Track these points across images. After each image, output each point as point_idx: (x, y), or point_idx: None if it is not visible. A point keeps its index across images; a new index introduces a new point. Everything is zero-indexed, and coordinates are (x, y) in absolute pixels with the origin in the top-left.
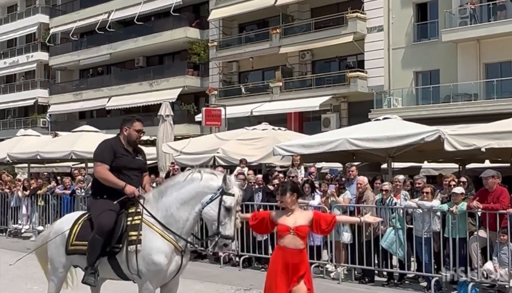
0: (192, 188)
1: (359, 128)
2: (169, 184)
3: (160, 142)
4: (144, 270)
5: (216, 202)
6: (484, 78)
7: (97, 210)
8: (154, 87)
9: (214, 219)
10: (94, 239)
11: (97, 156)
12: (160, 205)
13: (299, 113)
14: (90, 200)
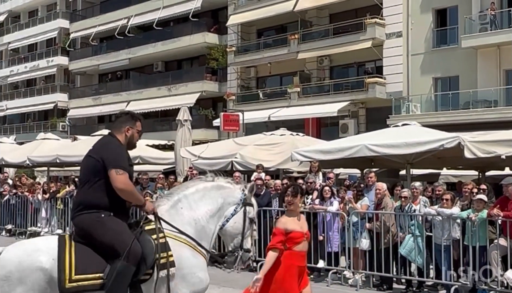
0: (216, 199)
1: (377, 134)
2: (185, 193)
3: (178, 147)
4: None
5: (241, 213)
6: (504, 85)
7: (113, 231)
8: (172, 92)
9: (239, 232)
10: (123, 269)
11: (118, 161)
12: (184, 218)
13: (316, 119)
14: (89, 217)
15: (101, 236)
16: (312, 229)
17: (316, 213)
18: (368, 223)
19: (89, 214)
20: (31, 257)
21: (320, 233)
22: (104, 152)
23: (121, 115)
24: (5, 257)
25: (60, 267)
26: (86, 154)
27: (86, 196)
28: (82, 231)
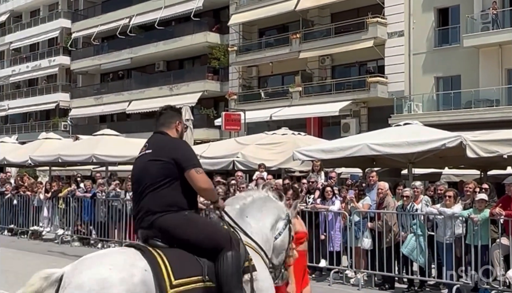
0: (273, 211)
1: (379, 133)
2: (245, 203)
3: None
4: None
5: (287, 230)
6: (506, 84)
7: (207, 225)
8: (174, 91)
9: (284, 248)
10: (236, 256)
11: (194, 160)
12: (251, 227)
13: (318, 118)
14: (174, 216)
15: (196, 234)
16: (314, 228)
17: (318, 212)
18: (370, 222)
19: (173, 214)
20: (124, 272)
21: (322, 232)
22: (175, 152)
23: (166, 110)
24: (84, 280)
25: (158, 275)
26: (142, 159)
27: (160, 198)
28: (166, 233)
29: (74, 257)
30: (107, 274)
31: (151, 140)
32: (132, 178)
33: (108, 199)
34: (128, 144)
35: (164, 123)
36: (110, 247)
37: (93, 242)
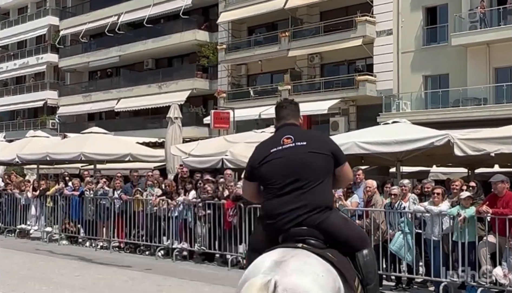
0: None
1: (368, 132)
2: None
3: (169, 144)
4: None
5: None
6: (494, 83)
7: (351, 222)
8: (163, 89)
9: None
10: (373, 254)
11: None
12: None
13: (307, 117)
14: (337, 216)
15: (352, 233)
16: None
17: None
18: (358, 220)
19: (335, 212)
20: (331, 278)
21: None
22: (331, 145)
23: (290, 104)
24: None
25: (348, 282)
26: (295, 151)
27: (322, 194)
28: (329, 233)
29: (62, 256)
30: (324, 281)
31: (293, 132)
32: (284, 169)
33: (96, 197)
34: (117, 142)
35: (293, 115)
36: (98, 245)
37: (81, 241)
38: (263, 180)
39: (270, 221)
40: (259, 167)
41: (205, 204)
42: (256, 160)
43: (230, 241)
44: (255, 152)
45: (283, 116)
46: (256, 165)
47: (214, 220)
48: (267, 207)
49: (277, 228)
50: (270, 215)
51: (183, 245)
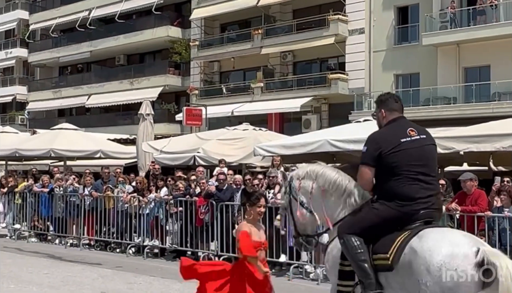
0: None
1: (340, 129)
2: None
3: (140, 141)
4: None
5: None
6: (463, 82)
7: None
8: (134, 85)
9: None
10: None
11: None
12: None
13: (279, 114)
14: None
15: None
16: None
17: (279, 208)
18: None
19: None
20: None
21: (282, 228)
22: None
23: (399, 98)
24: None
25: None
26: (421, 143)
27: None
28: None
29: (30, 253)
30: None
31: (412, 125)
32: (419, 159)
33: (66, 194)
34: (87, 138)
35: (403, 109)
36: (67, 243)
37: (51, 238)
38: (393, 167)
39: (406, 203)
40: (389, 154)
41: (177, 201)
42: (385, 147)
43: (201, 238)
44: (381, 140)
45: (397, 108)
46: (386, 153)
47: (186, 217)
48: (401, 191)
49: (413, 210)
50: (407, 198)
51: (154, 242)
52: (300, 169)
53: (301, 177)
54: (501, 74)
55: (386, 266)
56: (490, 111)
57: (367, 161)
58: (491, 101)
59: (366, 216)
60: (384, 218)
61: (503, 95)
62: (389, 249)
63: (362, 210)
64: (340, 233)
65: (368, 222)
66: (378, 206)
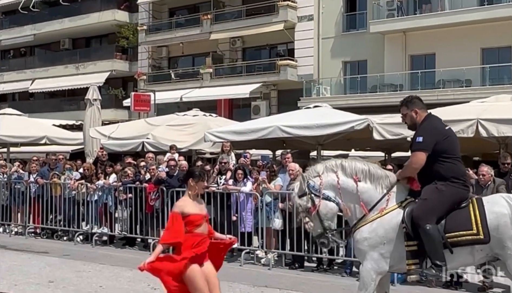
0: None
1: (290, 116)
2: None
3: (87, 127)
4: None
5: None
6: (409, 70)
7: None
8: (80, 70)
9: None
10: None
11: None
12: None
13: (229, 100)
14: None
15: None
16: (226, 209)
17: (230, 194)
18: (281, 203)
19: None
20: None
21: (233, 214)
22: None
23: (418, 97)
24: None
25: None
26: (452, 131)
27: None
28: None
29: None
30: None
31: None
32: (457, 144)
33: (10, 181)
34: (32, 124)
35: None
36: (12, 231)
37: None
38: (445, 151)
39: (462, 181)
40: (444, 140)
41: (126, 188)
42: (441, 135)
43: (152, 225)
44: (435, 131)
45: (424, 106)
46: (442, 139)
47: (136, 204)
48: (457, 171)
49: (467, 186)
50: (462, 176)
51: (103, 230)
52: (316, 166)
53: (321, 173)
54: (445, 62)
55: (478, 240)
56: (435, 99)
57: (424, 148)
58: (436, 88)
59: (437, 201)
60: (452, 198)
61: (447, 82)
62: (471, 224)
63: (427, 195)
64: (421, 223)
65: (441, 206)
66: (444, 188)
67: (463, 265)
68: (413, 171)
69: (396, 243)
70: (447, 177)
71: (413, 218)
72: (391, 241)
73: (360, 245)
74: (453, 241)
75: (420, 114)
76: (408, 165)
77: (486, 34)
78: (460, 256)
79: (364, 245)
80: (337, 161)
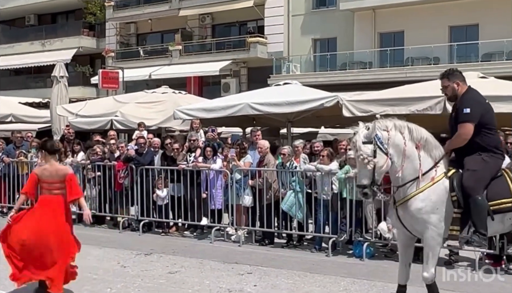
0: None
1: (260, 93)
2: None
3: (54, 104)
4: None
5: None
6: (378, 47)
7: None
8: (46, 47)
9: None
10: None
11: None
12: None
13: (198, 78)
14: None
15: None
16: (196, 186)
17: (200, 171)
18: (251, 180)
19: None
20: None
21: (203, 191)
22: None
23: (458, 70)
24: None
25: None
26: (489, 104)
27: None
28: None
29: None
30: None
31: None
32: (495, 118)
33: None
34: None
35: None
36: None
37: None
38: (488, 122)
39: (501, 152)
40: (487, 114)
41: (95, 166)
42: (485, 108)
43: (121, 203)
44: (480, 102)
45: (465, 79)
46: (485, 112)
47: (105, 182)
48: (497, 141)
49: (503, 157)
50: (499, 146)
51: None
52: (385, 121)
53: (389, 129)
54: (414, 39)
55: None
56: (404, 76)
57: (471, 119)
58: (404, 66)
59: (485, 172)
60: (495, 168)
61: (416, 60)
62: (509, 193)
63: (476, 166)
64: (473, 193)
65: (487, 177)
66: (489, 159)
67: (495, 232)
68: (463, 142)
69: (447, 209)
70: (490, 148)
71: (465, 188)
72: (442, 207)
73: (418, 214)
74: (495, 208)
75: (462, 87)
76: (458, 136)
77: (454, 12)
78: (494, 224)
79: (421, 213)
80: (404, 122)
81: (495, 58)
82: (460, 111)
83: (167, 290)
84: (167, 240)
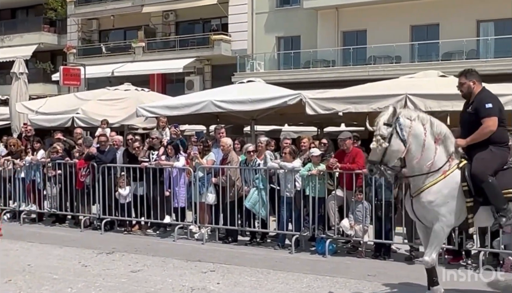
0: None
1: (223, 90)
2: None
3: (14, 101)
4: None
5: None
6: (341, 46)
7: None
8: (5, 43)
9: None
10: None
11: None
12: None
13: (162, 75)
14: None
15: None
16: (159, 184)
17: (163, 169)
18: (214, 178)
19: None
20: None
21: (166, 189)
22: None
23: (474, 70)
24: None
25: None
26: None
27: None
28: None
29: None
30: None
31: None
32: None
33: None
34: None
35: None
36: None
37: None
38: (504, 118)
39: (508, 145)
40: (502, 110)
41: (55, 164)
42: (502, 107)
43: (82, 202)
44: (498, 99)
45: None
46: (502, 108)
47: (66, 180)
48: (507, 137)
49: (509, 150)
50: (508, 141)
51: (32, 207)
52: (411, 111)
53: (412, 118)
54: (376, 38)
55: None
56: (366, 74)
57: (495, 113)
58: (367, 64)
59: (492, 159)
60: (502, 159)
61: (378, 58)
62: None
63: (483, 155)
64: (484, 177)
65: (494, 164)
66: (496, 150)
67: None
68: (488, 134)
69: (458, 201)
70: (501, 142)
71: (474, 175)
72: (453, 199)
73: (429, 206)
74: (506, 197)
75: (477, 86)
76: (484, 128)
77: (415, 11)
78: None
79: (433, 205)
80: (428, 116)
81: (455, 57)
82: (482, 107)
83: (129, 289)
84: (129, 238)
